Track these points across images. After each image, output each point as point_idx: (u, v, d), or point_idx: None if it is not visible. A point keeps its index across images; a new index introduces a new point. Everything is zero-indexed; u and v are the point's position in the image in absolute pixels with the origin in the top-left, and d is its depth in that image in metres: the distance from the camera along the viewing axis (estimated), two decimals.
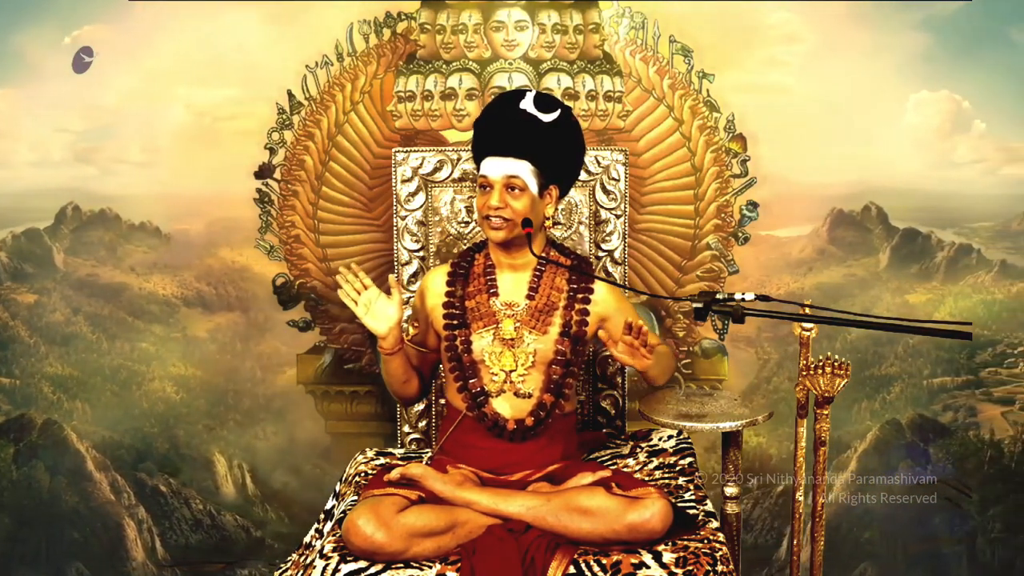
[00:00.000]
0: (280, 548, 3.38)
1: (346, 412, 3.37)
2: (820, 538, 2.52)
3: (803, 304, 2.28)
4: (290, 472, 3.37)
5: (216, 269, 3.30)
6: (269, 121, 3.21)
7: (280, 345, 3.31)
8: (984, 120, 3.25)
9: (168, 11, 3.15)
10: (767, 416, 2.48)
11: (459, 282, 2.44)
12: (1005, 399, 3.35)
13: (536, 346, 2.39)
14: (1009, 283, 3.33)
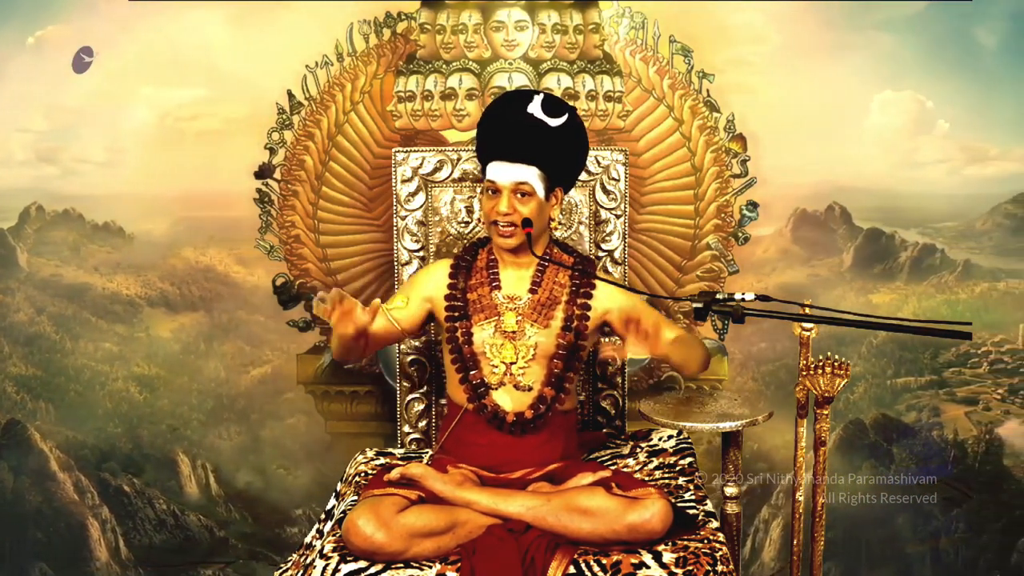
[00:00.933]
0: (244, 548, 3.39)
1: (346, 412, 3.37)
2: (820, 538, 2.52)
3: (803, 304, 2.28)
4: (254, 472, 3.38)
5: (180, 269, 3.30)
6: (236, 121, 3.21)
7: (244, 345, 3.32)
8: (948, 120, 3.25)
9: (132, 11, 3.15)
10: (767, 416, 2.48)
11: (462, 275, 2.46)
12: (968, 399, 3.35)
13: (538, 339, 2.39)
14: (972, 283, 3.33)
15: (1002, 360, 3.37)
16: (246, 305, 3.31)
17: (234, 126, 3.21)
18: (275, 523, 3.39)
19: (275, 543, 3.40)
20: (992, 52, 3.23)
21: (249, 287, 3.30)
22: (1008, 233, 3.32)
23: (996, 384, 3.36)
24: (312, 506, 3.37)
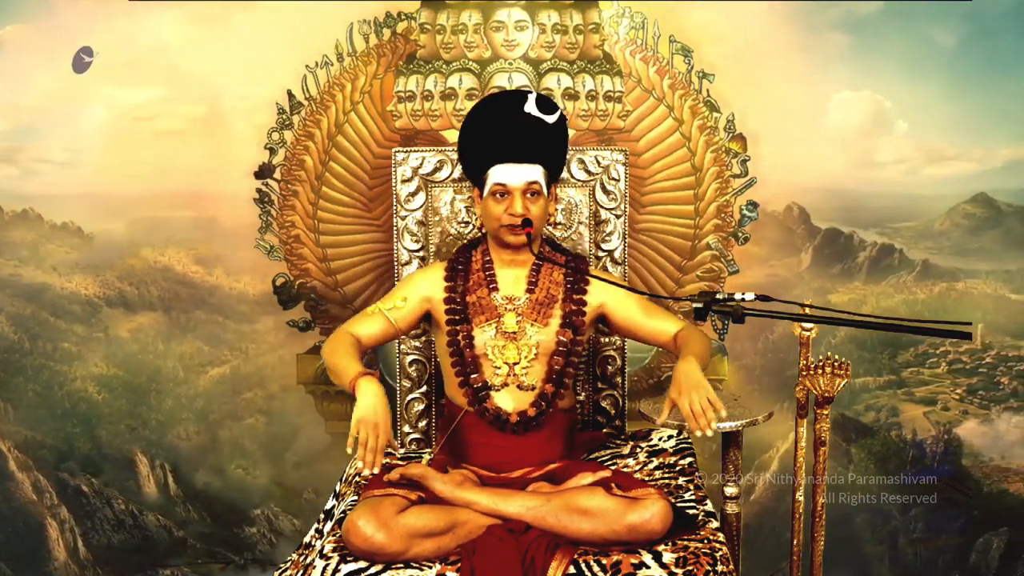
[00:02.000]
0: (202, 548, 3.41)
1: (346, 412, 3.35)
2: (820, 538, 2.53)
3: (803, 304, 2.28)
4: (212, 472, 3.39)
5: (138, 269, 3.31)
6: (198, 121, 3.22)
7: (203, 345, 3.33)
8: (906, 121, 3.26)
9: (91, 11, 3.15)
10: (767, 416, 2.48)
11: (459, 278, 2.45)
12: (927, 399, 3.36)
13: (539, 338, 2.40)
14: (931, 283, 3.33)
15: (960, 360, 3.37)
16: (205, 305, 3.32)
17: (195, 126, 3.22)
18: (233, 523, 3.40)
19: (233, 543, 3.41)
20: (950, 52, 3.23)
21: (208, 287, 3.30)
22: (966, 233, 3.32)
23: (954, 384, 3.37)
24: (270, 506, 3.39)
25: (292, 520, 3.40)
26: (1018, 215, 3.32)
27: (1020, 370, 3.35)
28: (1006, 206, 3.32)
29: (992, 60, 3.23)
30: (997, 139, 3.26)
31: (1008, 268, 3.34)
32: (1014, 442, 3.32)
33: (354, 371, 2.24)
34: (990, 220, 3.31)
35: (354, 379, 2.22)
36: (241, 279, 3.31)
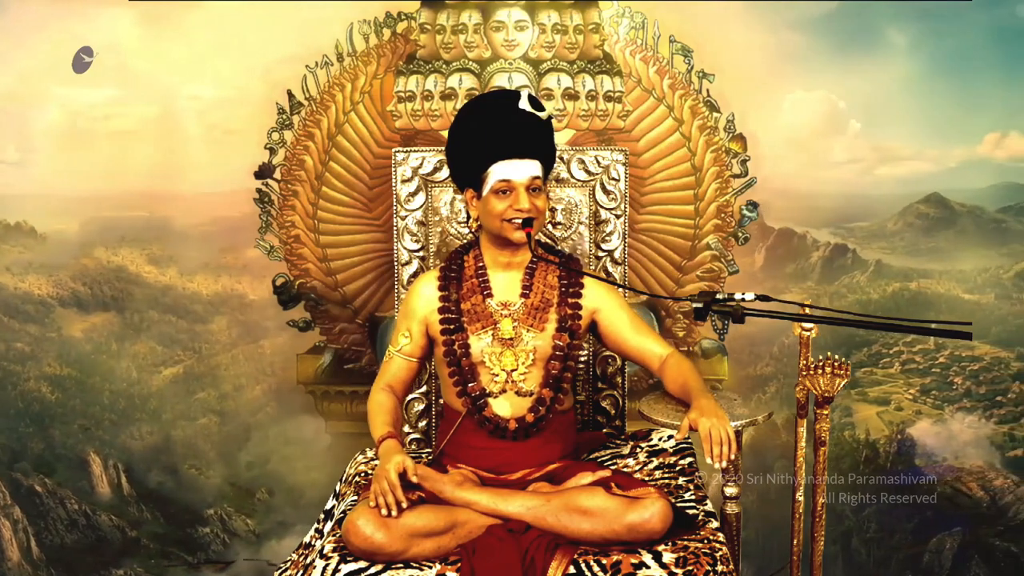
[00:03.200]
0: (156, 548, 3.41)
1: (346, 412, 3.37)
2: (820, 538, 2.53)
3: (803, 304, 2.28)
4: (166, 472, 3.39)
5: (92, 269, 3.32)
6: (153, 121, 3.23)
7: (156, 345, 3.34)
8: (860, 120, 3.26)
9: (43, 11, 3.16)
10: (767, 416, 2.48)
11: (452, 285, 2.44)
12: (880, 399, 3.36)
13: (535, 343, 2.39)
14: (884, 283, 3.33)
15: (914, 360, 3.38)
16: (158, 305, 3.32)
17: (147, 126, 3.23)
18: (187, 523, 3.41)
19: (187, 543, 3.42)
20: (904, 52, 3.23)
21: (161, 287, 3.31)
22: (920, 233, 3.33)
23: (908, 384, 3.37)
24: (224, 506, 3.40)
25: (245, 520, 3.41)
26: (971, 215, 3.32)
27: (973, 370, 3.36)
28: (959, 206, 3.33)
29: (945, 60, 3.24)
30: (951, 139, 3.27)
31: (962, 268, 3.35)
32: (967, 442, 3.33)
33: (378, 435, 2.33)
34: (943, 220, 3.32)
35: (378, 442, 2.31)
36: (194, 279, 3.32)
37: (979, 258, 3.34)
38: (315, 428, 3.38)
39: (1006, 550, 3.39)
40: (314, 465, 3.38)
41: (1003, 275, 3.35)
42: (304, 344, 3.34)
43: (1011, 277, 3.35)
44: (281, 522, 3.40)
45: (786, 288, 3.31)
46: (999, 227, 3.34)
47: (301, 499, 3.38)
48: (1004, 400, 3.38)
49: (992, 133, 3.26)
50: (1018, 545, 3.39)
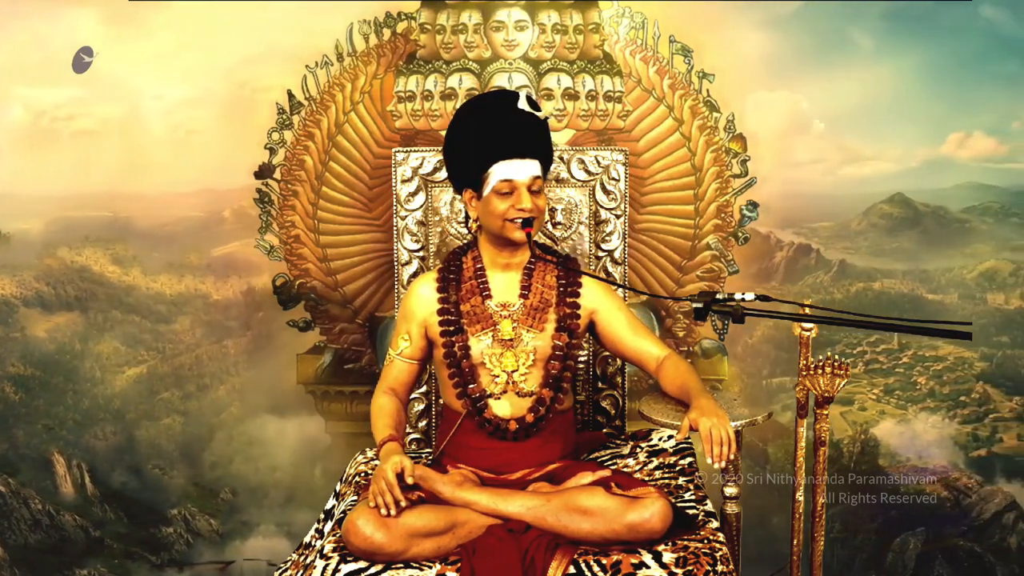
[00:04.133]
0: (119, 548, 3.41)
1: (346, 412, 3.37)
2: (820, 538, 2.53)
3: (803, 304, 2.28)
4: (129, 472, 3.40)
5: (55, 269, 3.31)
6: (116, 121, 3.23)
7: (120, 345, 3.34)
8: (823, 120, 3.26)
9: (3, 9, 3.16)
10: (767, 416, 2.48)
11: (451, 287, 2.43)
12: (844, 399, 3.35)
13: (535, 344, 2.39)
14: (848, 283, 3.33)
15: (877, 360, 3.38)
16: (121, 305, 3.33)
17: (111, 126, 3.24)
18: (150, 523, 3.41)
19: (150, 543, 3.42)
20: (867, 52, 3.23)
21: (125, 287, 3.32)
22: (883, 233, 3.33)
23: (871, 384, 3.37)
24: (187, 506, 3.40)
25: (209, 520, 3.41)
26: (935, 215, 3.33)
27: (937, 370, 3.36)
28: (923, 206, 3.33)
29: (909, 60, 3.23)
30: (914, 139, 3.27)
31: (925, 268, 3.35)
32: (931, 442, 3.33)
33: (380, 438, 2.32)
34: (907, 220, 3.33)
35: (379, 444, 2.31)
36: (158, 279, 3.32)
37: (942, 258, 3.35)
38: (277, 428, 3.38)
39: (969, 550, 3.40)
40: (278, 465, 3.39)
41: (966, 275, 3.36)
42: (304, 344, 3.34)
43: (974, 277, 3.36)
44: (244, 522, 3.40)
45: (750, 288, 3.28)
46: (963, 227, 3.34)
47: (265, 499, 3.40)
48: (967, 400, 3.38)
49: (956, 133, 3.27)
50: (981, 545, 3.40)
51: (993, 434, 3.39)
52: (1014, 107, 3.27)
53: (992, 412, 3.39)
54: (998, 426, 3.39)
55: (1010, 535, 3.41)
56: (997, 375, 3.39)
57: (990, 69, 3.25)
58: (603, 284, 2.49)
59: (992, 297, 3.35)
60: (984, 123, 3.27)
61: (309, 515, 3.36)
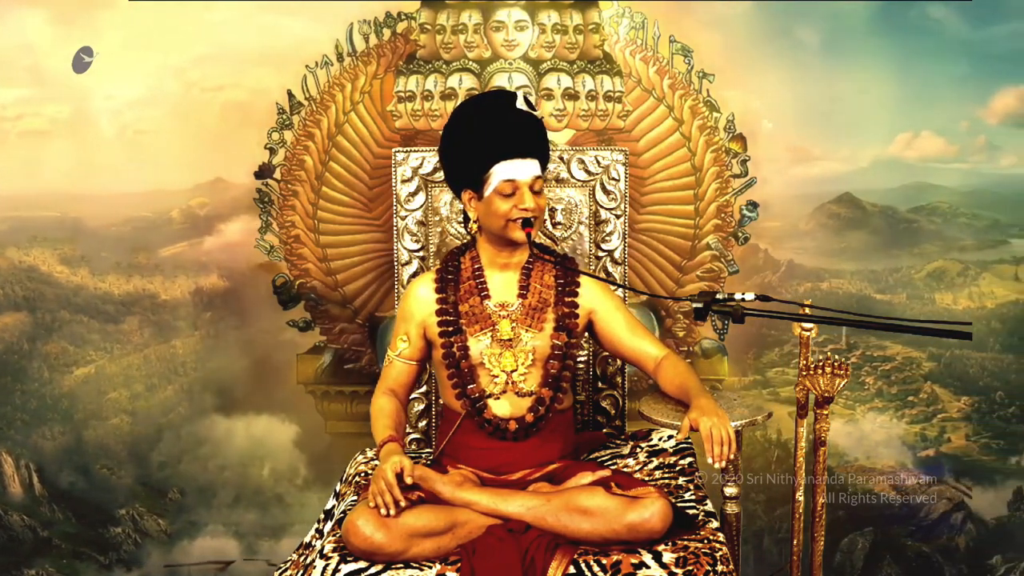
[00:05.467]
0: (67, 548, 3.41)
1: (346, 412, 3.37)
2: (820, 538, 2.53)
3: (803, 304, 2.28)
4: (77, 472, 3.39)
5: (3, 269, 3.31)
6: (65, 121, 3.23)
7: (68, 345, 3.34)
8: (771, 120, 3.26)
9: None
10: (767, 416, 2.48)
11: (450, 287, 2.43)
12: (792, 399, 3.31)
13: (534, 343, 2.39)
14: (796, 283, 3.33)
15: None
16: (69, 305, 3.33)
17: (60, 126, 3.23)
18: (98, 523, 3.41)
19: (98, 543, 3.42)
20: (815, 52, 3.23)
21: (73, 287, 3.32)
22: (832, 233, 3.33)
23: None
24: (135, 506, 3.40)
25: (157, 520, 3.42)
26: (883, 215, 3.33)
27: (885, 370, 3.36)
28: (871, 206, 3.33)
29: (857, 60, 3.23)
30: (863, 139, 3.27)
31: (873, 268, 3.35)
32: (879, 442, 3.32)
33: (379, 439, 2.32)
34: (855, 220, 3.32)
35: (379, 445, 2.31)
36: (106, 279, 3.32)
37: (890, 258, 3.36)
38: (226, 428, 3.38)
39: (917, 550, 3.41)
40: (227, 464, 3.39)
41: (914, 275, 3.36)
42: (304, 344, 3.34)
43: (922, 277, 3.36)
44: (193, 522, 3.41)
45: (698, 288, 3.31)
46: (910, 227, 3.35)
47: (213, 499, 3.40)
48: (916, 400, 3.39)
49: (904, 133, 3.27)
50: (929, 545, 3.41)
51: (941, 434, 3.40)
52: (963, 107, 3.27)
53: (940, 412, 3.40)
54: (946, 426, 3.40)
55: (958, 535, 3.42)
56: (945, 375, 3.39)
57: (939, 69, 3.25)
58: (601, 284, 2.49)
59: (940, 297, 3.35)
60: (933, 123, 3.27)
61: (257, 515, 3.40)
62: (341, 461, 2.91)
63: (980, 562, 3.42)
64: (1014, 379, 3.38)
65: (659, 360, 2.42)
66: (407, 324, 2.45)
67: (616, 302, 2.50)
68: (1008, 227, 3.35)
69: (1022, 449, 3.40)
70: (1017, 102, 3.27)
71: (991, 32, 3.24)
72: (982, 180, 3.31)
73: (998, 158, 3.30)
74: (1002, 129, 3.28)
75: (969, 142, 3.29)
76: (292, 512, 3.40)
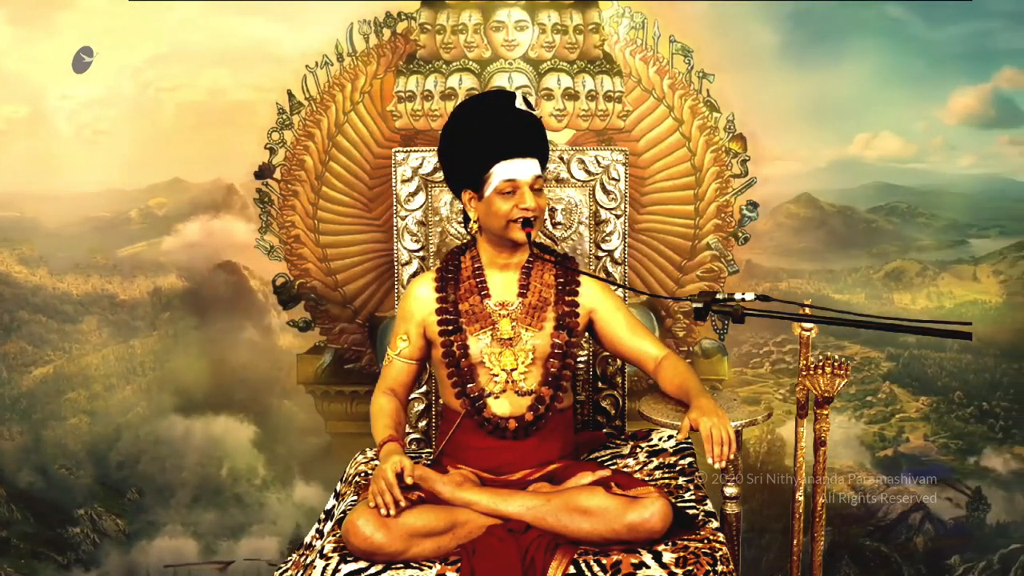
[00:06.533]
0: (26, 548, 3.41)
1: (346, 412, 3.37)
2: (820, 538, 2.53)
3: (803, 304, 2.28)
4: (36, 472, 3.39)
5: None
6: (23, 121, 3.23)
7: (26, 345, 3.34)
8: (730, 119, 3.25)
9: None
10: (767, 416, 2.48)
11: (449, 286, 2.43)
12: (750, 399, 3.34)
13: (534, 342, 2.39)
14: (754, 283, 3.33)
15: (784, 360, 3.37)
16: (28, 305, 3.32)
17: (16, 126, 3.24)
18: (57, 523, 3.41)
19: (57, 543, 3.41)
20: (775, 51, 3.23)
21: (31, 287, 3.32)
22: (790, 233, 3.33)
23: (778, 384, 3.37)
24: (94, 506, 3.40)
25: (115, 520, 3.41)
26: (841, 215, 3.33)
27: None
28: (830, 206, 3.33)
29: (816, 60, 3.22)
30: (821, 139, 3.26)
31: (831, 268, 3.35)
32: (836, 442, 3.29)
33: (379, 438, 2.33)
34: (814, 220, 3.32)
35: (379, 445, 2.32)
36: (64, 279, 3.32)
37: (849, 258, 3.35)
38: (184, 427, 3.38)
39: (875, 549, 3.41)
40: (185, 464, 3.39)
41: (873, 275, 3.36)
42: (304, 344, 3.34)
43: (881, 277, 3.36)
44: (151, 522, 3.41)
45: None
46: (869, 227, 3.34)
47: (172, 499, 3.40)
48: (874, 400, 3.39)
49: (863, 133, 3.27)
50: (887, 544, 3.42)
51: (900, 434, 3.40)
52: (921, 107, 3.27)
53: (899, 412, 3.40)
54: (904, 426, 3.40)
55: (916, 535, 3.42)
56: (903, 375, 3.39)
57: (897, 69, 3.25)
58: (601, 284, 2.49)
59: (898, 297, 3.35)
60: (891, 123, 3.27)
61: (215, 515, 3.40)
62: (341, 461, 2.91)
63: (938, 562, 3.42)
64: (972, 379, 3.38)
65: (659, 360, 2.42)
66: (407, 323, 2.45)
67: (616, 302, 2.50)
68: (966, 227, 3.35)
69: (980, 449, 3.40)
70: (975, 102, 3.27)
71: (949, 32, 3.24)
72: (940, 180, 3.31)
73: (956, 158, 3.30)
74: (960, 129, 3.28)
75: (927, 142, 3.29)
76: (251, 512, 3.40)
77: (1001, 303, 3.36)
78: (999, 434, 3.40)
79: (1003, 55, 3.25)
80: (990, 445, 3.40)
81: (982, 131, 3.29)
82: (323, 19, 3.18)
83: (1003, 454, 3.40)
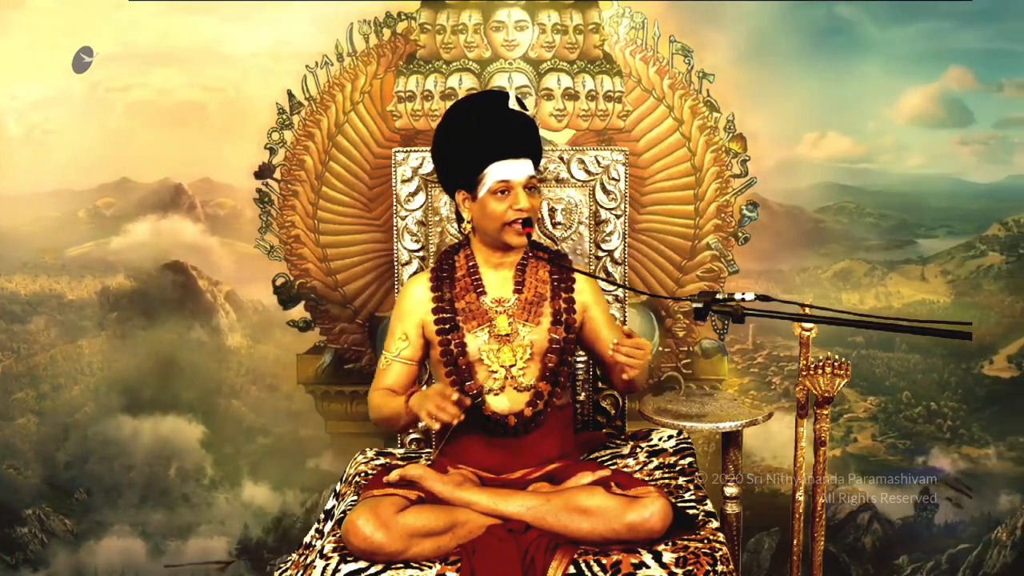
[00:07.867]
0: None
1: (346, 412, 3.37)
2: (820, 538, 2.53)
3: (803, 304, 2.28)
4: None
5: None
6: None
7: None
8: None
9: None
10: (767, 416, 2.48)
11: (445, 285, 2.44)
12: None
13: (532, 337, 2.40)
14: (702, 283, 3.31)
15: (732, 360, 3.37)
16: None
17: None
18: (5, 523, 3.41)
19: (5, 543, 3.41)
20: (723, 51, 3.21)
21: None
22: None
23: (726, 384, 3.36)
24: (42, 506, 3.40)
25: (64, 520, 3.41)
26: (789, 215, 3.32)
27: (792, 370, 3.33)
28: (778, 206, 3.31)
29: (764, 60, 3.22)
30: (769, 139, 3.25)
31: (780, 268, 3.34)
32: (785, 442, 3.25)
33: (397, 405, 2.33)
34: (761, 220, 3.30)
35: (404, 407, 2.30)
36: (12, 279, 3.31)
37: (797, 258, 3.34)
38: (132, 427, 3.37)
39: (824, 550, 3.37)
40: (133, 464, 3.39)
41: (821, 275, 3.36)
42: (304, 344, 3.34)
43: (829, 277, 3.35)
44: (99, 522, 3.40)
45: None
46: (817, 227, 3.33)
47: (120, 499, 3.40)
48: None
49: (811, 133, 3.26)
50: (836, 544, 3.41)
51: (848, 434, 3.40)
52: (870, 107, 3.26)
53: (847, 412, 3.39)
54: (852, 426, 3.39)
55: (864, 535, 3.42)
56: (852, 375, 3.36)
57: (846, 69, 3.24)
58: (592, 282, 2.51)
59: (847, 297, 3.34)
60: (839, 123, 3.26)
61: (164, 515, 3.39)
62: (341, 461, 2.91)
63: (887, 562, 3.42)
64: (920, 379, 3.38)
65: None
66: (405, 324, 2.45)
67: (604, 302, 2.53)
68: (915, 227, 3.34)
69: (928, 449, 3.40)
70: (925, 102, 3.26)
71: (899, 32, 3.23)
72: (889, 180, 3.30)
73: (905, 158, 3.30)
74: (910, 129, 3.27)
75: (876, 142, 3.28)
76: (199, 512, 3.40)
77: (949, 303, 3.35)
78: (947, 434, 3.40)
79: (952, 55, 3.24)
80: (938, 445, 3.40)
81: (931, 131, 3.28)
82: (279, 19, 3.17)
83: (951, 454, 3.40)
